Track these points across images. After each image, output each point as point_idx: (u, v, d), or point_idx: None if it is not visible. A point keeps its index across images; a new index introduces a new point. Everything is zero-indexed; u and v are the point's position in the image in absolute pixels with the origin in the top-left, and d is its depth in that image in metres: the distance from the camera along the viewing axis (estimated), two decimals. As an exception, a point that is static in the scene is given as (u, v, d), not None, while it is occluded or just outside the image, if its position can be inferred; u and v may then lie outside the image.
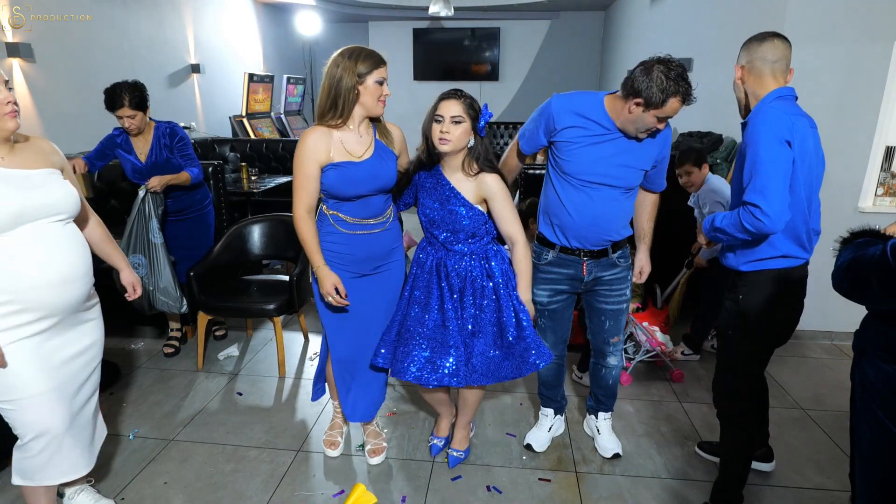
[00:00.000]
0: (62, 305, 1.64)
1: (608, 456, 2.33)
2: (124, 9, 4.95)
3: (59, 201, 1.63)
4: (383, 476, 2.22)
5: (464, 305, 1.98)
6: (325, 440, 2.38)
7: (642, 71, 1.72)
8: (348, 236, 1.99)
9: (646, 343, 2.97)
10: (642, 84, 1.71)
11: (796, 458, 2.34)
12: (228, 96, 6.83)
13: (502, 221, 1.95)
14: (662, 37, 5.73)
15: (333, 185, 1.91)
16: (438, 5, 6.53)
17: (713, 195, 2.87)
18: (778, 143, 1.58)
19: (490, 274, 1.99)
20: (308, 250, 1.96)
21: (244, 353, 3.27)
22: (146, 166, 2.87)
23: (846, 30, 3.03)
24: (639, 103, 1.74)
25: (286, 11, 8.32)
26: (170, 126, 2.93)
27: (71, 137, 4.31)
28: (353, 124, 1.92)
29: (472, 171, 1.90)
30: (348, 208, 1.97)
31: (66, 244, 1.65)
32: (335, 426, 2.43)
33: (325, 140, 1.89)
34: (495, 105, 9.44)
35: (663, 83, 1.69)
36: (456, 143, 1.83)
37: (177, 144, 2.90)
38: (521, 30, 9.10)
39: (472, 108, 1.84)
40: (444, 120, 1.82)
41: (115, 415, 2.61)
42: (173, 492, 2.12)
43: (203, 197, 3.16)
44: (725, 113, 4.08)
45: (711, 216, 1.77)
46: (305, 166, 1.89)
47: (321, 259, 1.96)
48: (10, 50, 3.75)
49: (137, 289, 2.01)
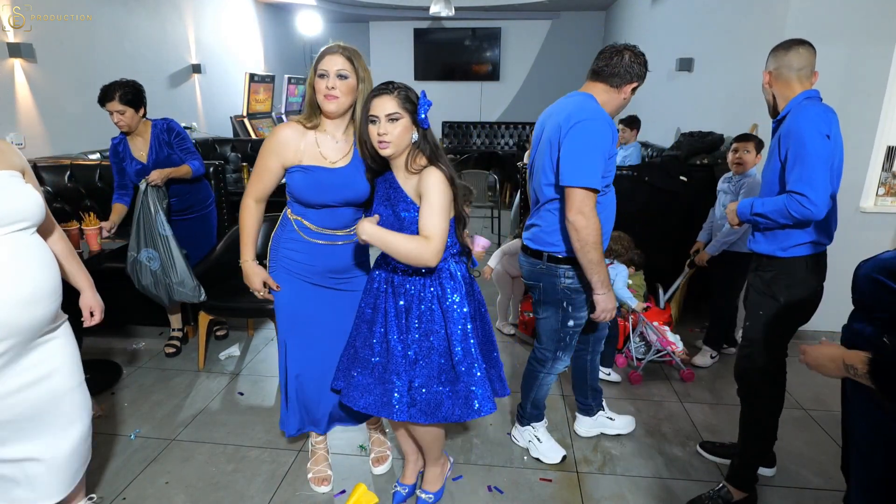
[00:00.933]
0: (22, 328, 1.45)
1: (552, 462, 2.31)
2: (125, 9, 4.96)
3: (20, 207, 1.46)
4: (385, 476, 2.22)
5: (409, 328, 1.74)
6: (313, 478, 2.14)
7: (631, 57, 1.91)
8: (308, 244, 1.88)
9: (656, 343, 2.97)
10: (636, 69, 1.92)
11: (798, 458, 2.34)
12: (229, 96, 6.84)
13: (423, 216, 1.62)
14: (663, 37, 5.73)
15: (298, 188, 1.81)
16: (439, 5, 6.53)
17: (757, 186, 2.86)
18: (820, 136, 1.71)
19: (441, 298, 1.73)
20: (242, 239, 1.90)
21: (245, 353, 3.27)
22: (148, 166, 2.86)
23: (847, 30, 3.02)
24: (636, 86, 1.95)
25: (287, 11, 8.32)
26: (166, 122, 2.93)
27: (73, 138, 4.32)
28: (328, 127, 1.81)
29: (417, 166, 1.66)
30: (313, 216, 1.85)
31: (30, 257, 1.47)
32: (319, 459, 2.20)
33: (296, 139, 1.79)
34: (496, 105, 9.45)
35: (644, 62, 1.95)
36: (398, 142, 1.62)
37: (175, 139, 2.91)
38: (522, 30, 9.11)
39: (409, 101, 1.63)
40: (379, 120, 1.61)
41: (117, 415, 2.61)
42: (174, 492, 2.12)
43: (206, 196, 3.17)
44: (726, 113, 4.08)
45: (748, 201, 1.87)
46: (267, 159, 1.81)
47: (251, 253, 1.91)
48: (12, 50, 3.75)
49: (96, 315, 1.81)
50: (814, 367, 1.27)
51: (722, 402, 2.78)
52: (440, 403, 1.74)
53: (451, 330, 1.72)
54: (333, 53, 1.74)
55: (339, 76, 1.72)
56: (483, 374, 1.75)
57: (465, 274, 1.80)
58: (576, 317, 2.09)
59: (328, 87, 1.72)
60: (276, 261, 1.94)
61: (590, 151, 1.83)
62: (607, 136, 1.86)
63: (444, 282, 1.73)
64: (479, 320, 1.85)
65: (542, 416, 2.37)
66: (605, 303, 1.94)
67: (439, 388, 1.74)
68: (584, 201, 1.83)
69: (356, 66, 1.75)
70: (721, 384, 2.95)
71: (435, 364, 1.74)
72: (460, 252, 1.80)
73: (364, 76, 1.77)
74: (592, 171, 1.82)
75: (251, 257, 1.90)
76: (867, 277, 1.26)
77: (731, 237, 2.91)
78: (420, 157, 1.67)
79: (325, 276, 1.93)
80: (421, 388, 1.74)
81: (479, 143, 9.18)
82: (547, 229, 2.02)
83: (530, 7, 8.33)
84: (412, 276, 1.74)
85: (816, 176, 1.68)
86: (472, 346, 1.74)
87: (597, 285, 1.92)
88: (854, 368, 1.15)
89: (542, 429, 2.37)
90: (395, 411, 1.73)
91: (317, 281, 1.93)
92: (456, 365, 1.73)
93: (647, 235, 3.29)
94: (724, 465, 2.27)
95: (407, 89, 1.65)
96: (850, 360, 1.16)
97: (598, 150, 1.84)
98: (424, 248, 1.59)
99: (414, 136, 1.67)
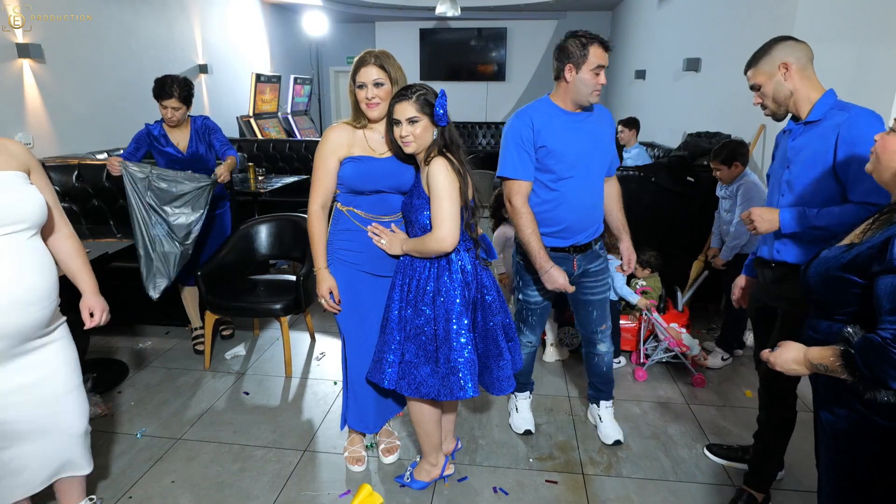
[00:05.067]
0: (10, 331, 1.44)
1: (609, 442, 2.42)
2: (133, 10, 4.98)
3: (16, 210, 1.44)
4: (390, 476, 2.22)
5: (407, 304, 1.87)
6: (349, 457, 2.26)
7: (560, 47, 2.02)
8: (362, 233, 1.96)
9: (664, 342, 2.96)
10: (566, 51, 1.99)
11: (803, 459, 2.32)
12: (236, 96, 6.87)
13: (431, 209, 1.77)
14: (670, 37, 5.70)
15: (351, 176, 1.91)
16: (445, 5, 6.53)
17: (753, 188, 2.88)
18: None
19: (437, 282, 1.83)
20: (314, 248, 1.96)
21: (251, 353, 3.28)
22: (186, 157, 2.99)
23: (856, 29, 3.00)
24: (570, 68, 1.99)
25: (293, 12, 8.35)
26: (202, 119, 3.08)
27: (81, 137, 4.35)
28: (377, 125, 1.94)
29: (428, 159, 1.79)
30: (364, 203, 1.95)
31: (22, 260, 1.46)
32: (355, 440, 2.30)
33: (346, 135, 1.92)
34: (502, 105, 9.44)
35: (578, 41, 1.98)
36: (419, 141, 1.78)
37: (213, 136, 3.06)
38: (528, 30, 9.09)
39: (427, 104, 1.77)
40: (400, 123, 1.77)
41: (123, 413, 2.62)
42: (180, 490, 2.13)
43: (220, 195, 3.17)
44: (733, 113, 4.06)
45: (793, 212, 1.71)
46: (325, 160, 1.91)
47: (324, 261, 1.97)
48: (21, 51, 3.78)
49: (97, 316, 1.72)
50: (782, 371, 1.29)
51: (729, 405, 2.76)
52: (422, 381, 1.86)
53: (439, 314, 1.83)
54: (367, 65, 1.86)
55: (375, 85, 1.86)
56: (466, 359, 1.82)
57: (466, 266, 1.85)
58: (525, 293, 2.29)
59: (368, 98, 1.86)
60: (332, 254, 2.00)
61: (505, 145, 2.08)
62: (516, 128, 2.05)
63: (441, 268, 1.84)
64: (480, 311, 1.88)
65: (525, 388, 2.52)
66: (548, 280, 2.09)
67: (424, 367, 1.86)
68: (510, 191, 2.08)
69: (389, 70, 1.88)
70: (728, 386, 2.93)
71: (422, 343, 1.86)
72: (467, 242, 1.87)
73: (398, 76, 1.91)
74: (508, 163, 2.06)
75: (324, 264, 1.97)
76: (825, 277, 1.24)
77: (739, 241, 2.93)
78: (432, 151, 1.80)
79: (379, 263, 1.99)
80: (409, 363, 1.87)
81: (485, 144, 9.18)
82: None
83: (536, 7, 8.32)
84: (421, 259, 1.86)
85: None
86: (458, 332, 1.82)
87: (535, 262, 2.09)
88: (824, 365, 1.18)
89: (524, 400, 2.53)
90: (385, 379, 1.89)
91: (371, 269, 2.00)
92: (438, 348, 1.84)
93: (654, 236, 3.27)
94: (730, 467, 2.26)
95: (426, 91, 1.79)
96: (818, 359, 1.19)
97: (510, 143, 2.06)
98: (431, 237, 1.78)
99: (434, 133, 1.81)
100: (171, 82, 2.84)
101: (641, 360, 3.03)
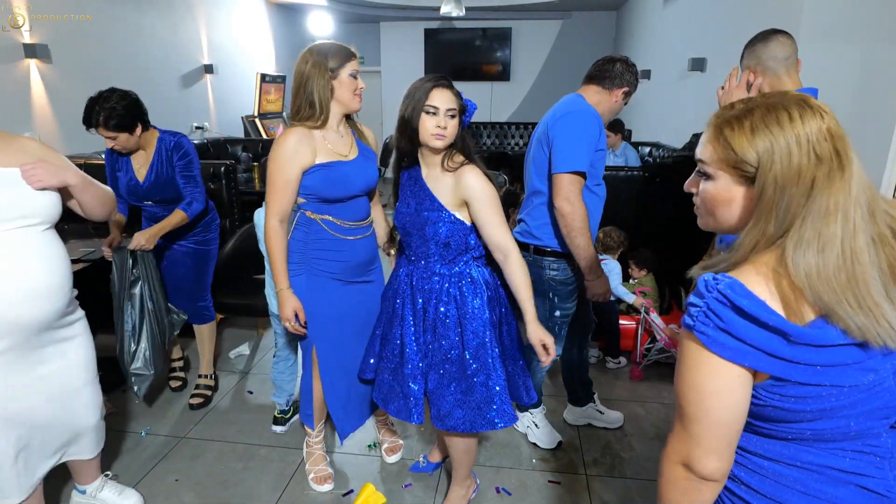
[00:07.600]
0: (22, 324, 1.47)
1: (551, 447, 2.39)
2: (138, 10, 5.00)
3: (25, 205, 1.46)
4: (393, 476, 2.22)
5: (425, 330, 1.72)
6: (314, 478, 2.14)
7: (622, 66, 2.01)
8: (341, 242, 1.86)
9: (659, 342, 2.95)
10: (627, 77, 2.02)
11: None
12: (241, 96, 6.89)
13: (487, 227, 1.62)
14: (675, 36, 5.68)
15: (322, 186, 1.79)
16: (450, 5, 6.52)
17: None
18: None
19: (459, 302, 1.67)
20: (276, 268, 1.80)
21: (255, 352, 3.29)
22: (144, 186, 2.38)
23: (863, 29, 2.98)
24: (627, 92, 2.04)
25: (298, 12, 8.36)
26: (176, 139, 2.40)
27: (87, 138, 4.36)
28: (333, 123, 1.82)
29: (454, 164, 1.63)
30: (339, 211, 1.85)
31: (31, 254, 1.47)
32: (318, 459, 2.19)
33: (307, 141, 1.75)
34: (506, 105, 9.42)
35: (635, 72, 2.05)
36: (450, 139, 1.61)
37: (178, 162, 2.39)
38: (533, 30, 9.07)
39: (461, 100, 1.64)
40: (439, 112, 1.57)
41: (127, 412, 2.64)
42: (184, 489, 2.14)
43: (210, 221, 2.65)
44: (739, 113, 4.04)
45: None
46: (286, 170, 1.73)
47: (287, 280, 1.82)
48: (28, 51, 3.80)
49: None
50: None
51: (733, 406, 2.75)
52: (451, 411, 1.72)
53: (467, 338, 1.67)
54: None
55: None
56: (503, 385, 1.70)
57: (487, 279, 1.73)
58: (562, 307, 2.17)
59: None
60: (306, 263, 1.87)
61: (576, 139, 1.92)
62: (593, 126, 1.95)
63: (464, 286, 1.69)
64: (505, 325, 1.78)
65: (540, 403, 2.45)
66: (595, 287, 2.04)
67: (451, 396, 1.72)
68: (570, 188, 1.91)
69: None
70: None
71: (448, 372, 1.71)
72: (485, 256, 1.74)
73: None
74: (579, 157, 1.90)
75: (287, 285, 1.82)
76: None
77: None
78: (457, 156, 1.66)
79: (357, 271, 1.95)
80: (434, 393, 1.74)
81: (490, 144, 9.16)
82: (535, 224, 2.12)
83: (541, 7, 8.30)
84: (433, 277, 1.71)
85: None
86: (491, 355, 1.69)
87: (585, 270, 2.01)
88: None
89: (540, 415, 2.44)
90: (413, 415, 1.75)
91: (348, 277, 1.92)
92: (469, 376, 1.69)
93: (658, 237, 3.26)
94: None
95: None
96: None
97: (584, 139, 1.92)
98: (521, 263, 1.66)
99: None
100: (97, 108, 2.14)
101: (638, 360, 3.03)
